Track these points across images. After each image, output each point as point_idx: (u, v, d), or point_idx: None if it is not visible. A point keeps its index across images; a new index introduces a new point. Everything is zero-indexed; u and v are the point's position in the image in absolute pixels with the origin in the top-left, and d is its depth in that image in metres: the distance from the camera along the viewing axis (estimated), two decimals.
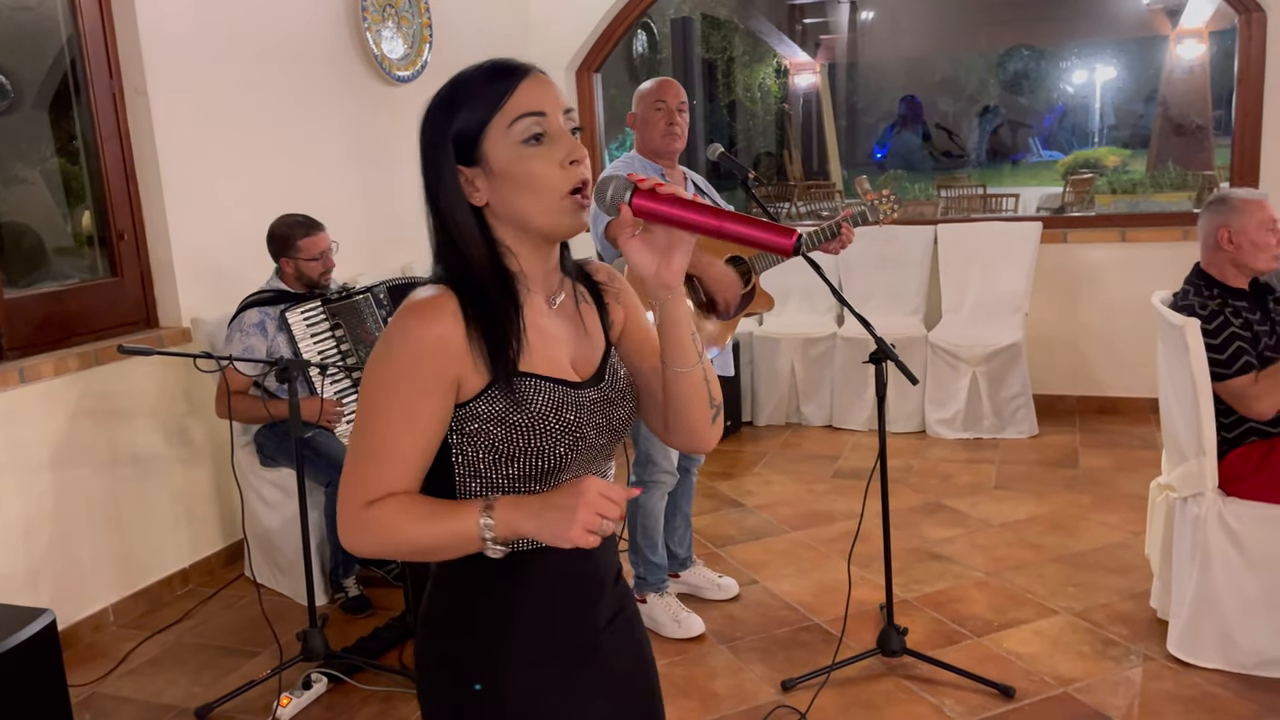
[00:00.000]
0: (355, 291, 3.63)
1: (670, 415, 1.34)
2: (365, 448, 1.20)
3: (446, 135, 1.22)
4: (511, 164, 1.21)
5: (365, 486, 1.19)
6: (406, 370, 1.18)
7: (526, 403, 1.22)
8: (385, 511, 1.18)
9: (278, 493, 3.61)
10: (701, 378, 1.31)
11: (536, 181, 1.20)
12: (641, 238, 1.22)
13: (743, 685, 2.95)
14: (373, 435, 1.20)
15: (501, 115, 1.21)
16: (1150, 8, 12.20)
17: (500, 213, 1.24)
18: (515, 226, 1.24)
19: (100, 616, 3.48)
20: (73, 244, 3.81)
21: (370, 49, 4.64)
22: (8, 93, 3.66)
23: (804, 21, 13.71)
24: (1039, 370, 5.25)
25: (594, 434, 1.27)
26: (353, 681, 3.01)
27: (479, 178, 1.23)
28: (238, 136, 4.00)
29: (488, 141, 1.21)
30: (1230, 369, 2.75)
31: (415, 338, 1.18)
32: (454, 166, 1.23)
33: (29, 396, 3.23)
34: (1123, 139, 14.12)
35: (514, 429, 1.21)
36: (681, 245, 1.22)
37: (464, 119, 1.21)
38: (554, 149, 1.21)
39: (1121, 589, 3.38)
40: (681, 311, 1.26)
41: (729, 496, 4.46)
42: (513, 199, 1.22)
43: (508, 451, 1.22)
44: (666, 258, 1.22)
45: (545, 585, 1.29)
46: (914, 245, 5.45)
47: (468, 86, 1.23)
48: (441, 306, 1.19)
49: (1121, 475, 4.42)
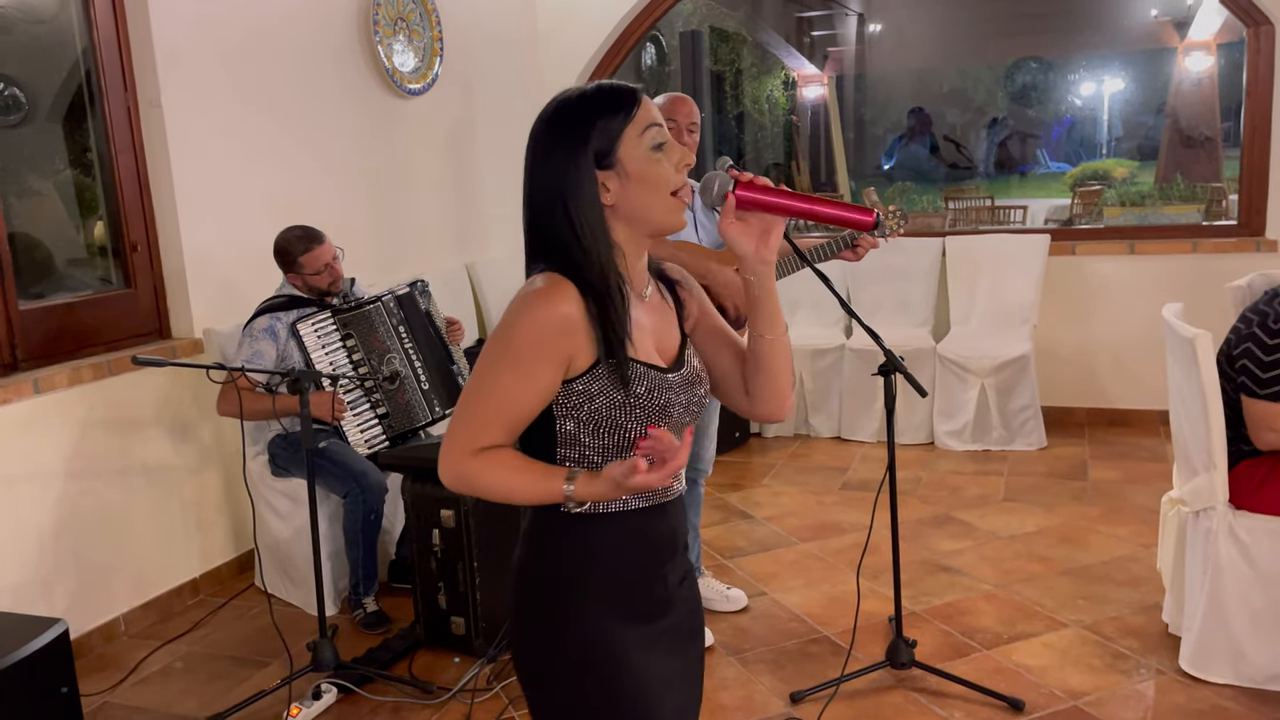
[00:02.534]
0: (366, 301, 3.65)
1: (758, 384, 1.51)
2: (479, 404, 1.37)
3: (587, 142, 1.37)
4: (644, 165, 1.38)
5: (473, 437, 1.37)
6: (530, 342, 1.34)
7: (629, 384, 1.38)
8: (490, 462, 1.37)
9: (289, 503, 3.62)
10: (788, 344, 1.52)
11: (659, 181, 1.38)
12: (740, 222, 1.41)
13: (752, 697, 2.95)
14: (488, 394, 1.36)
15: (634, 125, 1.38)
16: (1158, 20, 12.21)
17: (624, 211, 1.40)
18: (633, 224, 1.41)
19: (111, 626, 3.50)
20: (86, 255, 3.84)
21: (382, 62, 4.67)
22: (22, 105, 3.69)
23: (812, 34, 13.74)
24: (1048, 382, 5.25)
25: (678, 413, 1.45)
26: (362, 692, 3.02)
27: (611, 180, 1.38)
28: (250, 148, 4.03)
29: (624, 148, 1.37)
30: (1265, 389, 2.71)
31: (543, 315, 1.34)
32: (594, 171, 1.37)
33: (43, 407, 3.25)
34: (1131, 151, 14.11)
35: (615, 406, 1.38)
36: (776, 227, 1.42)
37: (603, 128, 1.37)
38: (671, 154, 1.41)
39: (1131, 602, 3.37)
40: (773, 284, 1.47)
41: (738, 508, 4.47)
42: (640, 197, 1.39)
43: (607, 425, 1.39)
44: (764, 238, 1.42)
45: (624, 537, 1.44)
46: (922, 257, 5.46)
47: (600, 102, 1.39)
48: (566, 291, 1.35)
49: (1131, 488, 4.41)
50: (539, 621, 1.46)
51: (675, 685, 1.50)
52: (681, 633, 1.52)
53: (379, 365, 3.60)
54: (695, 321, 1.57)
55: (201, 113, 3.82)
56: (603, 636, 1.42)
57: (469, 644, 3.20)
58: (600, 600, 1.43)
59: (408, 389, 3.66)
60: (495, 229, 5.64)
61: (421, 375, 3.70)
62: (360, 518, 3.43)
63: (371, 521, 3.45)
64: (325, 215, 3.96)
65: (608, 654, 1.42)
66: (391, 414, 3.62)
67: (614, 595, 1.44)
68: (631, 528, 1.45)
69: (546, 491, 1.36)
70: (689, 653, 1.55)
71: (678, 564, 1.53)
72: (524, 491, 1.37)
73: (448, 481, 1.40)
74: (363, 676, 3.07)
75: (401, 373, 3.64)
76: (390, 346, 3.64)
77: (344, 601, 3.64)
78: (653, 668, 1.46)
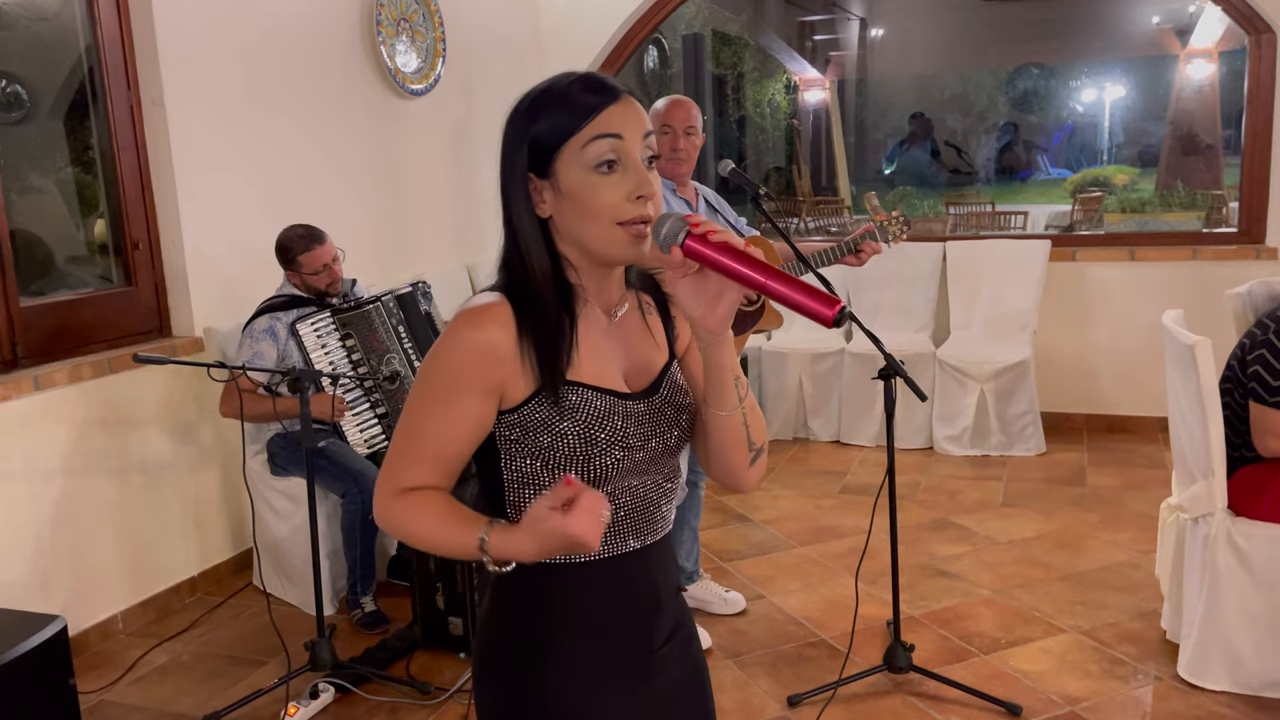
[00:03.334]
0: (365, 301, 3.65)
1: (710, 451, 1.32)
2: (404, 439, 1.24)
3: (524, 139, 1.21)
4: (579, 188, 1.19)
5: (399, 474, 1.24)
6: (452, 371, 1.21)
7: (573, 411, 1.22)
8: (411, 506, 1.23)
9: (288, 502, 3.62)
10: (740, 422, 1.28)
11: (600, 208, 1.19)
12: (692, 280, 1.18)
13: (749, 700, 2.95)
14: (412, 429, 1.24)
15: (579, 136, 1.18)
16: (1160, 27, 12.22)
17: (561, 229, 1.24)
18: (573, 245, 1.24)
19: (109, 624, 3.49)
20: (86, 253, 3.84)
21: (384, 62, 4.68)
22: (24, 102, 3.69)
23: (814, 38, 13.77)
24: (1047, 388, 5.25)
25: (641, 443, 1.25)
26: (360, 692, 3.02)
27: (547, 191, 1.22)
28: (252, 147, 4.03)
29: (561, 160, 1.19)
30: (1275, 397, 2.71)
31: (464, 342, 1.20)
32: (526, 173, 1.22)
33: (42, 404, 3.25)
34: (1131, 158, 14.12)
35: (560, 436, 1.22)
36: (730, 293, 1.17)
37: (544, 127, 1.20)
38: (625, 180, 1.19)
39: (1129, 608, 3.37)
40: (725, 357, 1.23)
41: (736, 511, 4.47)
42: (573, 220, 1.21)
43: (555, 459, 1.23)
44: (713, 303, 1.18)
45: (593, 596, 1.27)
46: (923, 262, 5.46)
47: (556, 94, 1.20)
48: (494, 314, 1.21)
49: (1129, 494, 4.42)
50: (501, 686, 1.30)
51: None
52: (674, 697, 1.35)
53: (378, 365, 3.60)
54: (685, 347, 1.37)
55: (204, 111, 3.82)
56: (573, 709, 1.27)
57: (467, 644, 3.20)
58: (569, 675, 1.27)
59: (407, 389, 3.65)
60: (496, 230, 5.58)
61: None
62: (358, 517, 3.43)
63: (369, 521, 3.45)
64: (326, 214, 3.96)
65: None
66: (391, 414, 3.62)
67: (587, 658, 1.28)
68: (597, 581, 1.27)
69: (463, 545, 1.19)
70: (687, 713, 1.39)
71: (664, 619, 1.34)
72: (443, 543, 1.22)
73: (379, 521, 1.27)
74: (360, 676, 3.07)
75: (401, 373, 3.64)
76: (390, 346, 3.64)
77: (342, 601, 3.64)
78: None
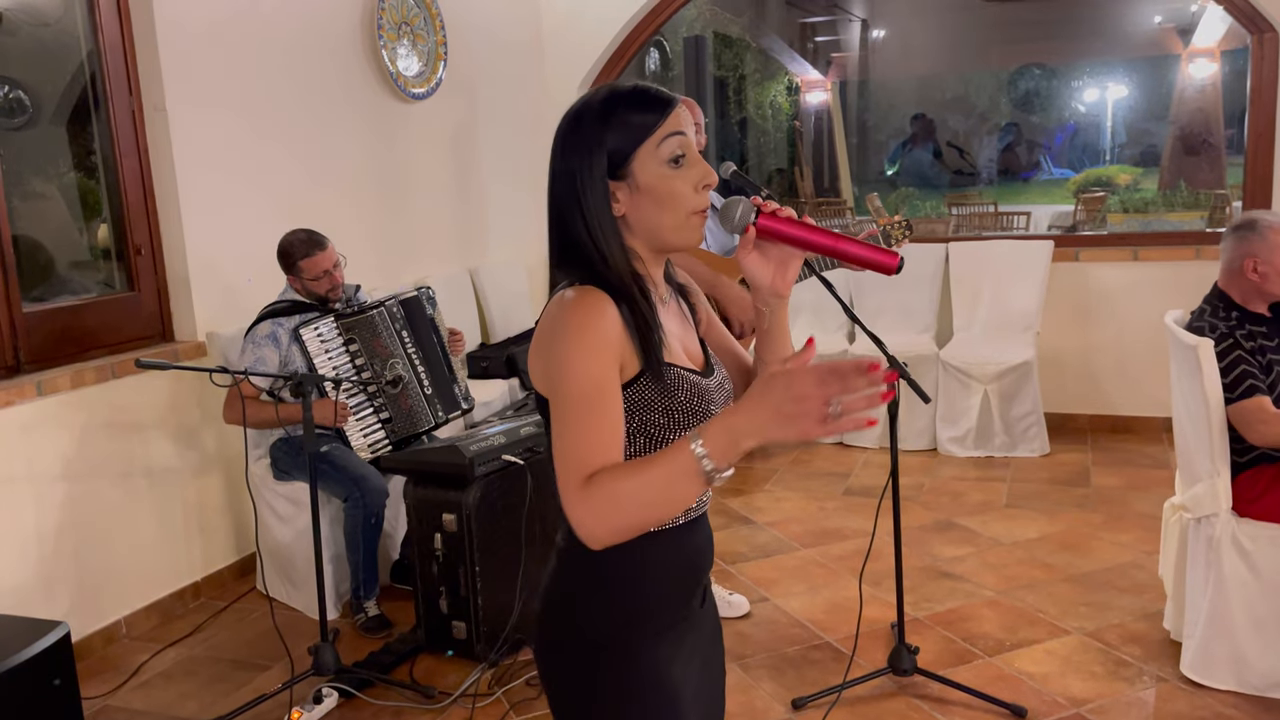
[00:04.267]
0: (369, 306, 3.65)
1: None
2: (574, 434, 1.22)
3: (602, 147, 1.30)
4: (656, 181, 1.30)
5: (581, 467, 1.21)
6: (592, 352, 1.24)
7: (674, 390, 1.32)
8: (601, 481, 1.19)
9: (291, 506, 3.62)
10: None
11: (676, 199, 1.31)
12: (758, 252, 1.35)
13: (753, 703, 2.94)
14: (576, 420, 1.23)
15: (654, 135, 1.30)
16: (1162, 26, 12.21)
17: (634, 224, 1.33)
18: (644, 238, 1.34)
19: (113, 629, 3.50)
20: (89, 258, 3.84)
21: (386, 66, 4.68)
22: (26, 107, 3.70)
23: (815, 39, 13.76)
24: (1051, 389, 5.24)
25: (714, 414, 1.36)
26: (364, 696, 3.02)
27: (622, 190, 1.31)
28: (254, 152, 4.04)
29: (638, 159, 1.30)
30: (1234, 392, 2.74)
31: (592, 325, 1.25)
32: (605, 177, 1.30)
33: (45, 409, 3.26)
34: (1134, 157, 14.10)
35: (664, 413, 1.31)
36: (794, 260, 1.36)
37: (619, 135, 1.30)
38: (691, 171, 1.32)
39: (1134, 609, 3.36)
40: (785, 318, 1.43)
41: (739, 513, 4.46)
42: (650, 213, 1.32)
43: (656, 435, 1.32)
44: (781, 270, 1.37)
45: (670, 559, 1.38)
46: (925, 263, 5.45)
47: (623, 105, 1.31)
48: (602, 299, 1.27)
49: (1133, 494, 4.41)
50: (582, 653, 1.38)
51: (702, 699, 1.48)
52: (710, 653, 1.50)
53: (382, 370, 3.60)
54: (705, 329, 1.53)
55: (205, 116, 3.82)
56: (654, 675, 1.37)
57: (470, 648, 3.19)
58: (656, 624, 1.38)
59: (411, 394, 3.66)
60: (498, 233, 5.65)
61: (425, 380, 3.70)
62: (360, 522, 3.43)
63: (372, 525, 3.45)
64: (328, 219, 3.96)
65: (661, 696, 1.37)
66: (395, 418, 3.62)
67: (659, 620, 1.38)
68: (675, 544, 1.39)
69: (681, 470, 1.15)
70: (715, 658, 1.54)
71: (707, 574, 1.50)
72: (655, 485, 1.17)
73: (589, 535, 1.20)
74: (364, 680, 3.07)
75: (404, 377, 3.64)
76: (394, 351, 3.64)
77: (345, 605, 3.64)
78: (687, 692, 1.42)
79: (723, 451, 1.14)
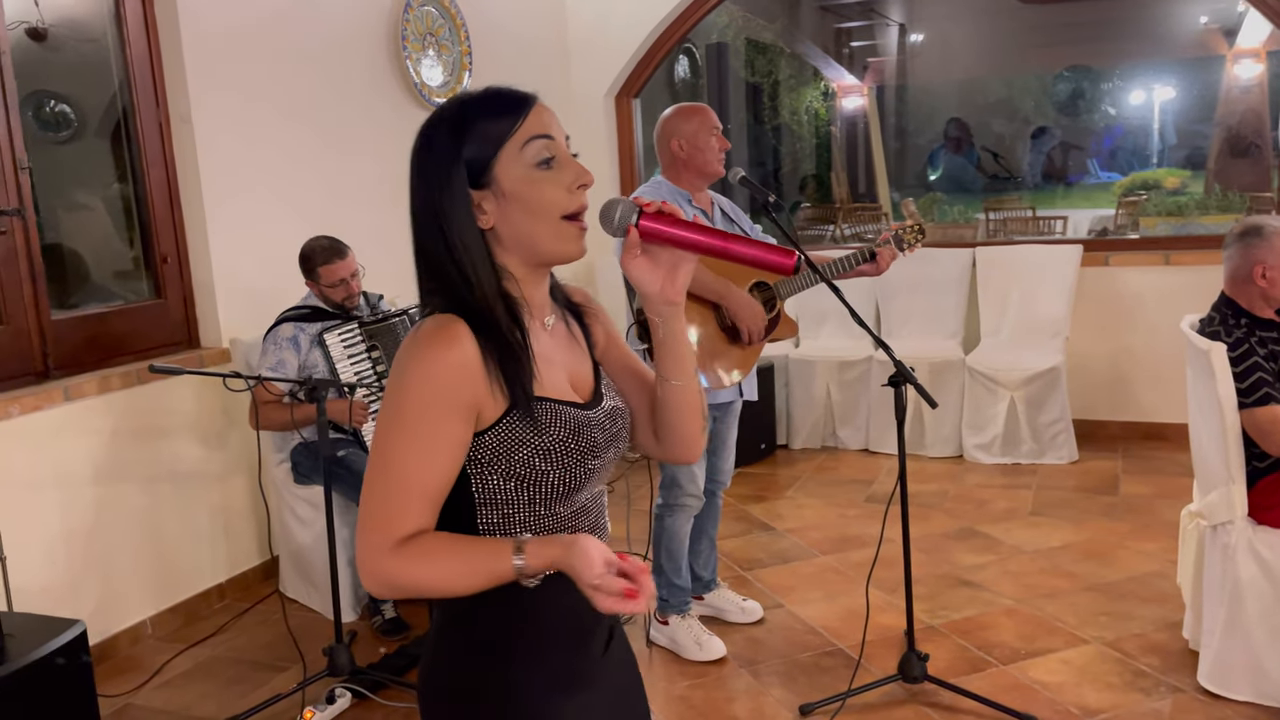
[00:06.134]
0: (391, 314, 3.71)
1: (663, 427, 1.37)
2: (385, 486, 1.18)
3: (459, 157, 1.22)
4: (523, 185, 1.22)
5: (394, 524, 1.17)
6: (429, 400, 1.17)
7: (547, 427, 1.22)
8: (411, 556, 1.17)
9: (311, 510, 3.68)
10: (697, 390, 1.35)
11: (546, 203, 1.22)
12: (645, 257, 1.25)
13: (762, 709, 2.94)
14: (395, 470, 1.17)
15: (515, 138, 1.23)
16: (1207, 27, 11.98)
17: (505, 237, 1.25)
18: (518, 251, 1.25)
19: (138, 629, 3.57)
20: (133, 268, 3.91)
21: (410, 76, 4.75)
22: (71, 121, 3.80)
23: (851, 45, 13.69)
24: (1081, 395, 5.17)
25: (606, 451, 1.30)
26: (376, 698, 3.06)
27: (487, 200, 1.23)
28: (278, 162, 4.11)
29: (500, 164, 1.22)
30: (1249, 399, 2.69)
31: (436, 366, 1.17)
32: (466, 188, 1.23)
33: (72, 414, 3.34)
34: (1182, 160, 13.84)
35: (537, 453, 1.22)
36: (685, 264, 1.26)
37: (477, 141, 1.23)
38: (563, 173, 1.24)
39: (1156, 619, 3.30)
40: (681, 327, 1.30)
41: (759, 520, 4.45)
42: (521, 222, 1.23)
43: (530, 476, 1.23)
44: (671, 275, 1.26)
45: (560, 606, 1.26)
46: (952, 268, 5.40)
47: (478, 110, 1.24)
48: (458, 333, 1.19)
49: (1162, 503, 4.33)
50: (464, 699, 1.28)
51: None
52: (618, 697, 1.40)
53: None
54: (603, 351, 1.41)
55: (231, 127, 3.90)
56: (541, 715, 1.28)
57: None
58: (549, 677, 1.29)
59: None
60: None
61: None
62: None
63: None
64: (351, 227, 4.02)
65: None
66: None
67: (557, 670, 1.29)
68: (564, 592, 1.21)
69: (491, 573, 1.17)
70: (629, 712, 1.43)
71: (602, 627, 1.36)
72: (464, 579, 1.18)
73: (372, 588, 1.19)
74: (377, 682, 3.10)
75: None
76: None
77: (364, 608, 3.68)
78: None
79: (539, 570, 1.18)
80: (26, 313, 3.33)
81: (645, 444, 1.41)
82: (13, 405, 3.14)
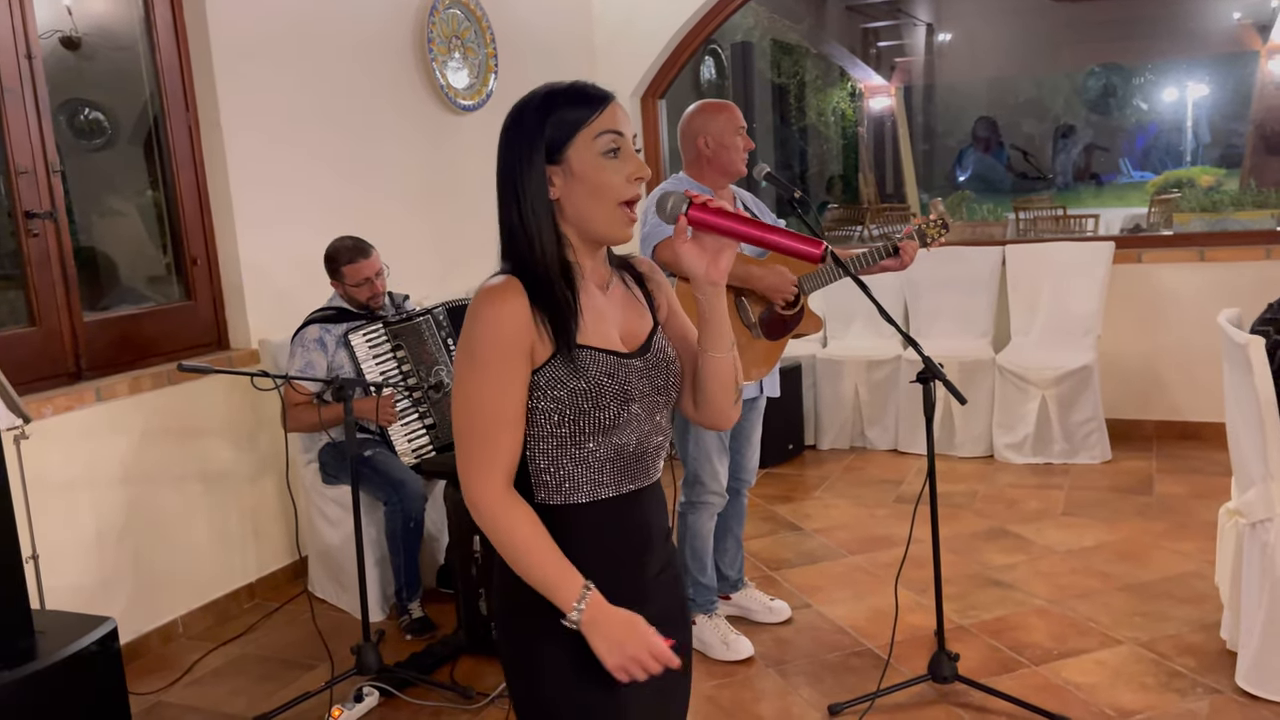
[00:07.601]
0: (416, 314, 3.72)
1: (701, 394, 1.56)
2: (471, 420, 1.41)
3: (542, 133, 1.42)
4: (590, 169, 1.42)
5: (495, 458, 1.40)
6: (492, 344, 1.39)
7: (584, 369, 1.42)
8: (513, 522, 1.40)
9: (339, 510, 3.70)
10: (733, 362, 1.54)
11: (605, 188, 1.42)
12: (694, 242, 1.45)
13: (789, 709, 2.91)
14: (474, 406, 1.40)
15: (590, 127, 1.41)
16: (1240, 23, 11.82)
17: (568, 210, 1.44)
18: (576, 224, 1.45)
19: (170, 628, 3.60)
20: (165, 273, 3.95)
21: (436, 79, 4.77)
22: (105, 129, 3.85)
23: (878, 45, 13.61)
24: (1114, 394, 5.10)
25: (640, 395, 1.48)
26: (404, 696, 3.06)
27: (558, 175, 1.43)
28: (306, 165, 4.14)
29: (574, 147, 1.42)
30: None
31: (493, 316, 1.39)
32: (543, 162, 1.42)
33: (105, 414, 3.38)
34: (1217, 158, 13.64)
35: (574, 392, 1.42)
36: (727, 249, 1.46)
37: (558, 124, 1.42)
38: (625, 164, 1.43)
39: (1191, 619, 3.25)
40: (722, 305, 1.50)
41: (787, 520, 4.42)
42: (582, 200, 1.43)
43: (571, 413, 1.42)
44: (715, 259, 1.46)
45: (599, 532, 1.47)
46: (982, 266, 5.35)
47: (563, 99, 1.43)
48: (510, 288, 1.40)
49: (1198, 502, 4.26)
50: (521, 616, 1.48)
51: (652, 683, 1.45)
52: (661, 623, 1.49)
53: (427, 376, 3.66)
54: (665, 318, 1.61)
55: (259, 131, 3.94)
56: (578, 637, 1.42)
57: None
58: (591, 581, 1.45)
59: None
60: None
61: None
62: (400, 525, 3.48)
63: (411, 529, 3.50)
64: (379, 229, 4.04)
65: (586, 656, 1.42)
66: (439, 424, 3.67)
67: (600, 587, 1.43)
68: (603, 519, 1.47)
69: (548, 591, 1.40)
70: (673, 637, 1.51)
71: (655, 555, 1.55)
72: (529, 573, 1.41)
73: (477, 514, 1.42)
74: (404, 680, 3.11)
75: (447, 383, 3.69)
76: (438, 358, 3.69)
77: (392, 607, 3.70)
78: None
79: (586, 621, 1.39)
80: (59, 314, 3.38)
81: (686, 409, 1.61)
82: (45, 406, 3.18)
